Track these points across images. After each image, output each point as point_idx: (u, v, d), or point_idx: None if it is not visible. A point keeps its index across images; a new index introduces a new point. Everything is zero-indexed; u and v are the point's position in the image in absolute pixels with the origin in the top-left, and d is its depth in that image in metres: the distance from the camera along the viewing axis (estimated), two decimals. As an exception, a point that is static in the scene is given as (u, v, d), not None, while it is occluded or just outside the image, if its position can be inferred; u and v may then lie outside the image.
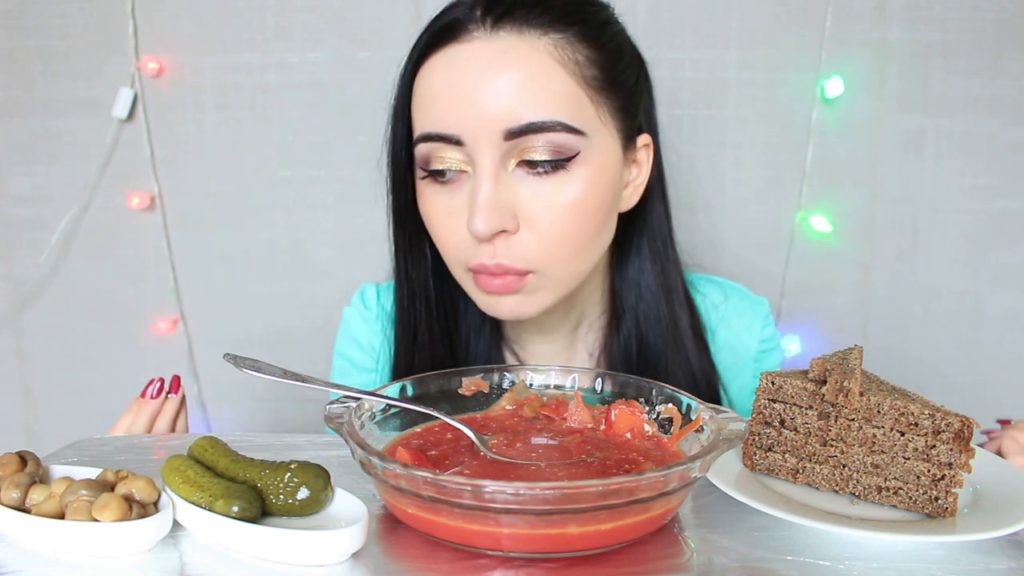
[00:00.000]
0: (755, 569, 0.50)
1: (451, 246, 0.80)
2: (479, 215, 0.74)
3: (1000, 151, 1.27)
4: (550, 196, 0.75)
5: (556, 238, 0.77)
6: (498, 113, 0.73)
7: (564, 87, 0.75)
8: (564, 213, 0.76)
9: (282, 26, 1.28)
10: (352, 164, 1.32)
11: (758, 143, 1.28)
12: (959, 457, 0.55)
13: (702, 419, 0.59)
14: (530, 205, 0.76)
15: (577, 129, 0.75)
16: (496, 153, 0.74)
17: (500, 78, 0.73)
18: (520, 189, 0.76)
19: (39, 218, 1.35)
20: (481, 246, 0.77)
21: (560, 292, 0.81)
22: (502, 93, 0.73)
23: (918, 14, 1.24)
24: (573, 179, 0.76)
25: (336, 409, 0.59)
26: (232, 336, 1.36)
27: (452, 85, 0.75)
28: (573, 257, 0.79)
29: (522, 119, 0.73)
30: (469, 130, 0.74)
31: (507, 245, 0.76)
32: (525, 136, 0.73)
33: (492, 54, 0.74)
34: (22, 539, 0.52)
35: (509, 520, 0.47)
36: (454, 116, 0.75)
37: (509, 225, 0.75)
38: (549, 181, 0.75)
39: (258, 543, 0.50)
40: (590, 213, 0.77)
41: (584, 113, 0.76)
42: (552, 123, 0.74)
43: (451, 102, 0.75)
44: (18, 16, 1.30)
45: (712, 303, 0.97)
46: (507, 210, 0.75)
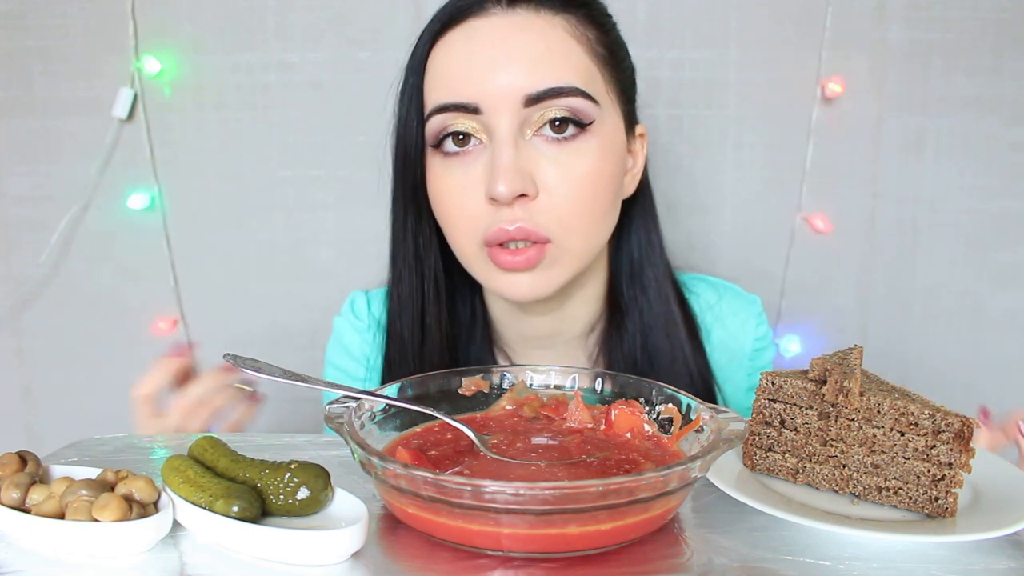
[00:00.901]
0: (755, 569, 0.50)
1: (465, 219, 0.79)
2: (501, 177, 0.75)
3: (1000, 151, 1.27)
4: (568, 162, 0.77)
5: (574, 205, 0.78)
6: (517, 79, 0.75)
7: (580, 59, 0.78)
8: (581, 180, 0.77)
9: (282, 26, 1.28)
10: (352, 164, 1.31)
11: (758, 143, 1.28)
12: (959, 457, 0.55)
13: (702, 419, 0.60)
14: (549, 171, 0.77)
15: (592, 97, 0.77)
16: (515, 120, 0.76)
17: (519, 48, 0.76)
18: (538, 156, 0.77)
19: (39, 218, 1.35)
20: (500, 212, 0.77)
21: (574, 268, 0.82)
22: (521, 61, 0.75)
23: (918, 14, 1.24)
24: (588, 148, 0.78)
25: (336, 409, 0.59)
26: (232, 336, 1.36)
27: (470, 56, 0.77)
28: (589, 228, 0.80)
29: (541, 84, 0.75)
30: (488, 97, 0.76)
31: (527, 210, 0.77)
32: (544, 102, 0.76)
33: (511, 27, 0.77)
34: (22, 539, 0.52)
35: (509, 520, 0.47)
36: (472, 86, 0.76)
37: (529, 189, 0.76)
38: (566, 148, 0.77)
39: (258, 543, 0.50)
40: (603, 183, 0.79)
41: (597, 86, 0.79)
42: (570, 88, 0.76)
43: (469, 72, 0.76)
44: (18, 16, 1.30)
45: (707, 303, 0.97)
46: (527, 174, 0.76)
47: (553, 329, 0.91)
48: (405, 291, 0.90)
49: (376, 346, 0.97)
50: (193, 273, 1.36)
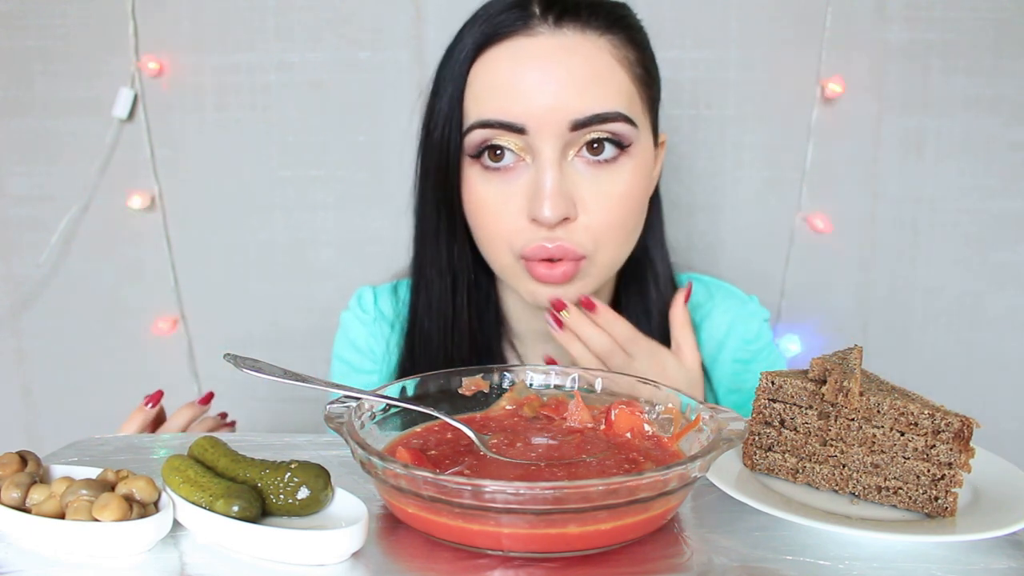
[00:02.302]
0: (755, 569, 0.50)
1: (504, 233, 0.82)
2: (548, 202, 0.77)
3: (1000, 151, 1.27)
4: (607, 185, 0.80)
5: (609, 225, 0.81)
6: (565, 104, 0.77)
7: (623, 83, 0.80)
8: (618, 201, 0.80)
9: (282, 26, 1.28)
10: (352, 164, 1.31)
11: (758, 143, 1.28)
12: (959, 457, 0.55)
13: (702, 419, 0.60)
14: (588, 193, 0.80)
15: (633, 121, 0.80)
16: (559, 143, 0.78)
17: (567, 71, 0.77)
18: (579, 178, 0.80)
19: (39, 218, 1.35)
20: (539, 231, 0.80)
21: (602, 279, 0.85)
22: (569, 86, 0.77)
23: (918, 14, 1.24)
24: (625, 169, 0.80)
25: (336, 409, 0.59)
26: (232, 336, 1.36)
27: (517, 76, 0.78)
28: (620, 244, 0.83)
29: (588, 110, 0.77)
30: (535, 119, 0.77)
31: (567, 231, 0.80)
32: (590, 127, 0.78)
33: (558, 48, 0.78)
34: (22, 539, 0.52)
35: (509, 520, 0.47)
36: (519, 106, 0.78)
37: (571, 212, 0.79)
38: (606, 170, 0.80)
39: (258, 543, 0.50)
40: (636, 202, 0.83)
41: (636, 108, 0.81)
42: (614, 114, 0.78)
43: (517, 92, 0.78)
44: (18, 16, 1.30)
45: (696, 302, 0.98)
46: (569, 198, 0.79)
47: None
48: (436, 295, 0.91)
49: (383, 340, 0.98)
50: (193, 273, 1.36)
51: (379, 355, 0.98)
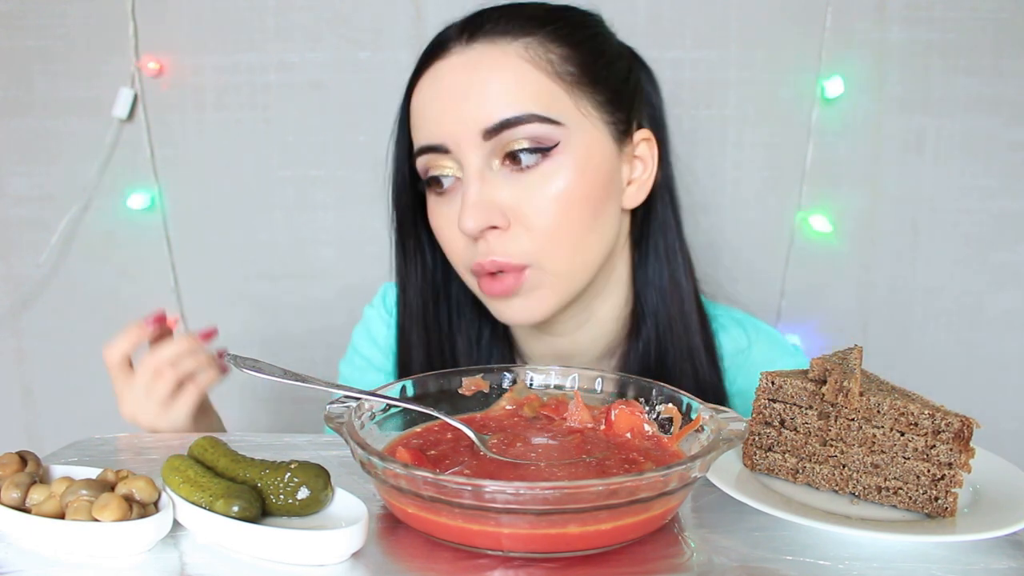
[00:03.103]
0: (755, 569, 0.50)
1: (454, 252, 0.82)
2: (466, 213, 0.77)
3: (1000, 151, 1.27)
4: (535, 188, 0.77)
5: (547, 230, 0.78)
6: (474, 115, 0.76)
7: (535, 83, 0.77)
8: (551, 204, 0.77)
9: (282, 26, 1.28)
10: (352, 164, 1.31)
11: (758, 143, 1.28)
12: (959, 457, 0.55)
13: (702, 419, 0.59)
14: (517, 200, 0.77)
15: (553, 120, 0.77)
16: (479, 154, 0.77)
17: (473, 84, 0.77)
18: (506, 185, 0.78)
19: (39, 218, 1.35)
20: (476, 245, 0.79)
21: (565, 289, 0.81)
22: (476, 97, 0.77)
23: (918, 14, 1.24)
24: (557, 170, 0.77)
25: (336, 409, 0.59)
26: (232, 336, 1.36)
27: (434, 98, 0.79)
28: (570, 249, 0.79)
29: (496, 117, 0.76)
30: (451, 136, 0.78)
31: (500, 241, 0.78)
32: (502, 132, 0.76)
33: (466, 64, 0.78)
34: (22, 539, 0.52)
35: (509, 520, 0.47)
36: (438, 126, 0.79)
37: (498, 221, 0.77)
38: (533, 174, 0.77)
39: (258, 543, 0.50)
40: (578, 203, 0.78)
41: (561, 105, 0.78)
42: (526, 116, 0.76)
43: (435, 114, 0.79)
44: (18, 16, 1.30)
45: (736, 347, 0.93)
46: (494, 207, 0.77)
47: (572, 349, 0.90)
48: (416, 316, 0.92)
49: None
50: (193, 273, 1.36)
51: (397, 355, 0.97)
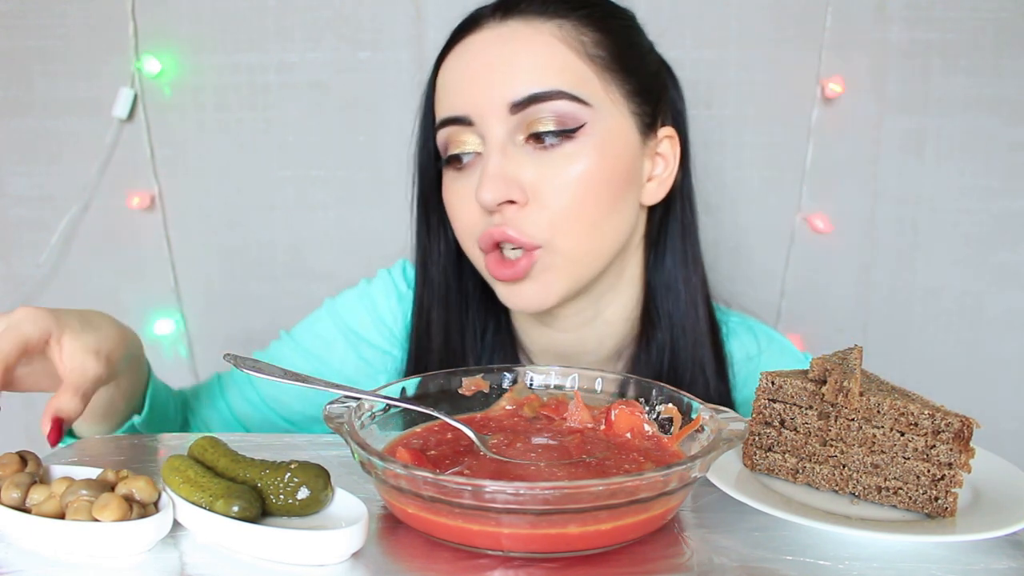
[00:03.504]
0: (755, 569, 0.50)
1: (465, 225, 0.81)
2: (485, 184, 0.76)
3: (1000, 151, 1.27)
4: (557, 168, 0.77)
5: (564, 210, 0.77)
6: (502, 88, 0.76)
7: (566, 61, 0.77)
8: (571, 185, 0.77)
9: (282, 26, 1.28)
10: (352, 164, 1.32)
11: (758, 143, 1.28)
12: (959, 457, 0.55)
13: (702, 419, 0.59)
14: (538, 177, 0.77)
15: (581, 99, 0.77)
16: (503, 128, 0.77)
17: (504, 57, 0.77)
18: (528, 162, 0.77)
19: (39, 218, 1.35)
20: (492, 218, 0.78)
21: (574, 274, 0.80)
22: (505, 70, 0.77)
23: (918, 14, 1.24)
24: (580, 151, 0.77)
25: (336, 409, 0.59)
26: (232, 336, 1.36)
27: (463, 70, 0.79)
28: (584, 231, 0.78)
29: (524, 91, 0.76)
30: (477, 108, 0.77)
31: (516, 217, 0.77)
32: (529, 107, 0.76)
33: (498, 38, 0.78)
34: (22, 539, 0.52)
35: (509, 520, 0.47)
36: (464, 98, 0.78)
37: (516, 196, 0.76)
38: (556, 153, 0.77)
39: (258, 543, 0.50)
40: (598, 187, 0.78)
41: (590, 87, 0.78)
42: (554, 92, 0.76)
43: (462, 86, 0.79)
44: (18, 16, 1.30)
45: (746, 354, 0.92)
46: (513, 181, 0.77)
47: (578, 347, 0.89)
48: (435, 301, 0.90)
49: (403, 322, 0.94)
50: (193, 273, 1.36)
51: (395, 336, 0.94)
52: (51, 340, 0.64)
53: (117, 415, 0.78)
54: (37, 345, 0.63)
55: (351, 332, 0.94)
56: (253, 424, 0.93)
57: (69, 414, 0.62)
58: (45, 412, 0.61)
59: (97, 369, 0.65)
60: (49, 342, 0.64)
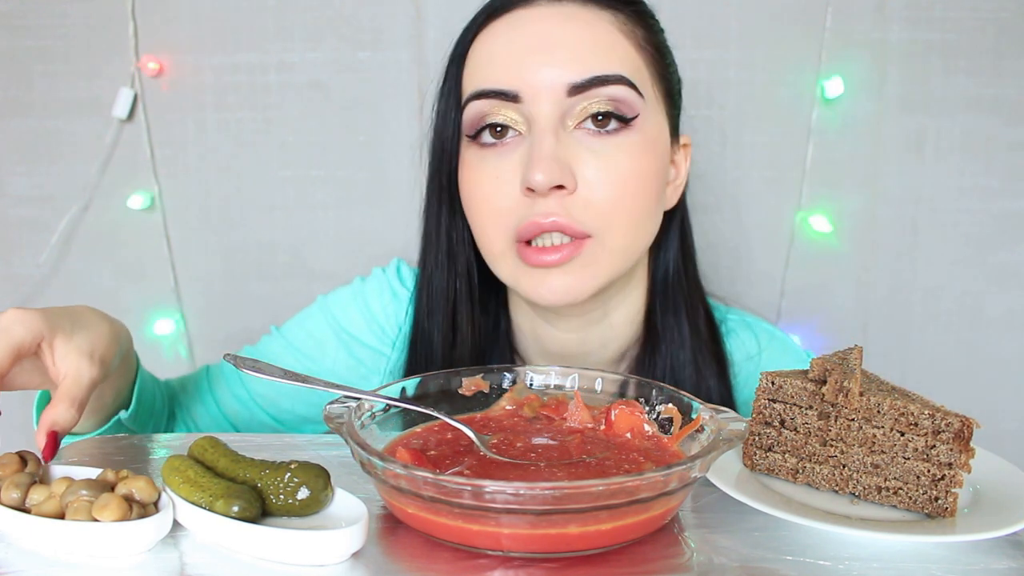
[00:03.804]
0: (755, 569, 0.50)
1: (497, 212, 0.76)
2: (539, 165, 0.72)
3: (1000, 151, 1.27)
4: (610, 156, 0.74)
5: (615, 200, 0.74)
6: (561, 68, 0.73)
7: (625, 49, 0.76)
8: (623, 175, 0.75)
9: (282, 26, 1.28)
10: (352, 164, 1.31)
11: (758, 143, 1.28)
12: (959, 457, 0.55)
13: (702, 419, 0.60)
14: (590, 164, 0.74)
15: (638, 89, 0.76)
16: (557, 109, 0.74)
17: (564, 36, 0.75)
18: (579, 148, 0.74)
19: (39, 218, 1.35)
20: (536, 204, 0.74)
21: (613, 269, 0.77)
22: (566, 49, 0.74)
23: (918, 14, 1.24)
24: (631, 143, 0.75)
25: (336, 409, 0.59)
26: (232, 336, 1.36)
27: (513, 44, 0.76)
28: (630, 226, 0.76)
29: (586, 72, 0.73)
30: (529, 85, 0.74)
31: (564, 205, 0.73)
32: (588, 91, 0.73)
33: (556, 16, 0.76)
34: (22, 539, 0.52)
35: (509, 520, 0.47)
36: (514, 72, 0.74)
37: (568, 181, 0.73)
38: (609, 142, 0.75)
39: (258, 543, 0.50)
40: (647, 182, 0.76)
41: (643, 78, 0.77)
42: (616, 76, 0.74)
43: (511, 59, 0.75)
44: (18, 16, 1.30)
45: (746, 352, 0.91)
46: (566, 166, 0.73)
47: (580, 349, 0.87)
48: (437, 290, 0.86)
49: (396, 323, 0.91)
50: (193, 273, 1.36)
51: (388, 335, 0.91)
52: (42, 344, 0.63)
53: (104, 411, 0.76)
54: (29, 349, 0.62)
55: (343, 331, 0.92)
56: (241, 421, 0.92)
57: (65, 426, 0.60)
58: (40, 426, 0.60)
59: (91, 373, 0.64)
60: (40, 345, 0.63)
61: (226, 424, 0.92)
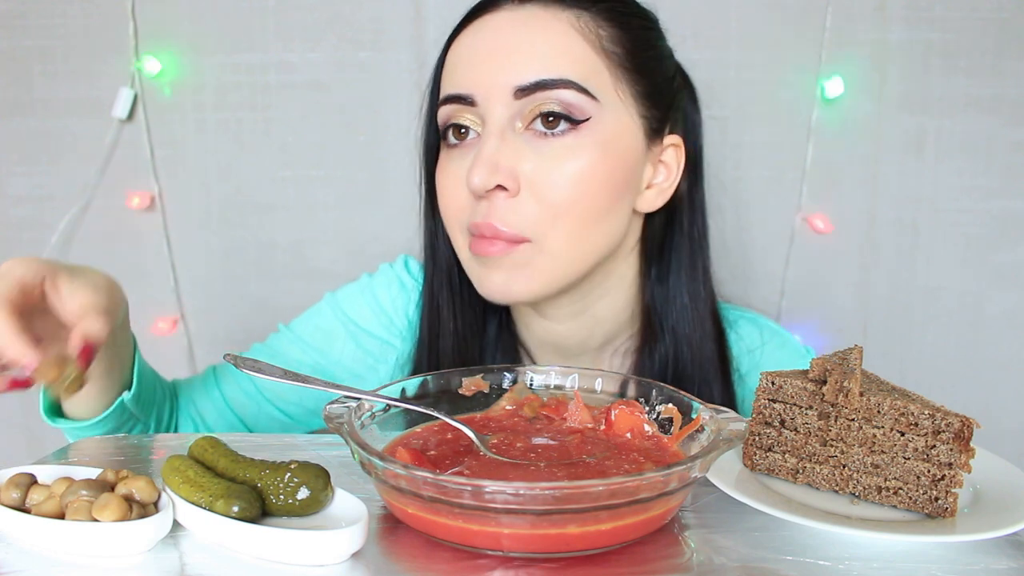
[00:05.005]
0: (755, 569, 0.50)
1: (453, 211, 0.79)
2: (475, 168, 0.74)
3: (1000, 151, 1.27)
4: (556, 159, 0.74)
5: (556, 205, 0.75)
6: (509, 71, 0.74)
7: (580, 52, 0.75)
8: (567, 179, 0.74)
9: (282, 26, 1.28)
10: (352, 164, 1.31)
11: (758, 143, 1.28)
12: (959, 457, 0.55)
13: (702, 419, 0.60)
14: (534, 167, 0.74)
15: (589, 92, 0.75)
16: (505, 112, 0.75)
17: (519, 41, 0.75)
18: (526, 151, 0.75)
19: (39, 218, 1.35)
20: (479, 205, 0.76)
21: (556, 273, 0.77)
22: (516, 53, 0.75)
23: (918, 14, 1.24)
24: (581, 146, 0.75)
25: (336, 409, 0.59)
26: (232, 336, 1.36)
27: (473, 49, 0.77)
28: (574, 233, 0.76)
29: (532, 76, 0.74)
30: (481, 88, 0.75)
31: (504, 206, 0.75)
32: (535, 94, 0.74)
33: (514, 20, 0.76)
34: (22, 539, 0.52)
35: (509, 520, 0.47)
36: (469, 77, 0.77)
37: (507, 183, 0.74)
38: (556, 144, 0.75)
39: (258, 543, 0.50)
40: (596, 186, 0.75)
41: (600, 81, 0.76)
42: (562, 80, 0.74)
43: (470, 64, 0.77)
44: (18, 16, 1.30)
45: (747, 346, 0.91)
46: (507, 168, 0.74)
47: (574, 338, 0.87)
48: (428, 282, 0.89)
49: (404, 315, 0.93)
50: (193, 273, 1.36)
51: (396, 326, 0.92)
52: (47, 284, 0.64)
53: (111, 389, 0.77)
54: (33, 284, 0.63)
55: (351, 323, 0.94)
56: (249, 415, 0.92)
57: (99, 334, 0.63)
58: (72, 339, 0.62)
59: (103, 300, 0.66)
60: (45, 287, 0.64)
61: (234, 419, 0.93)
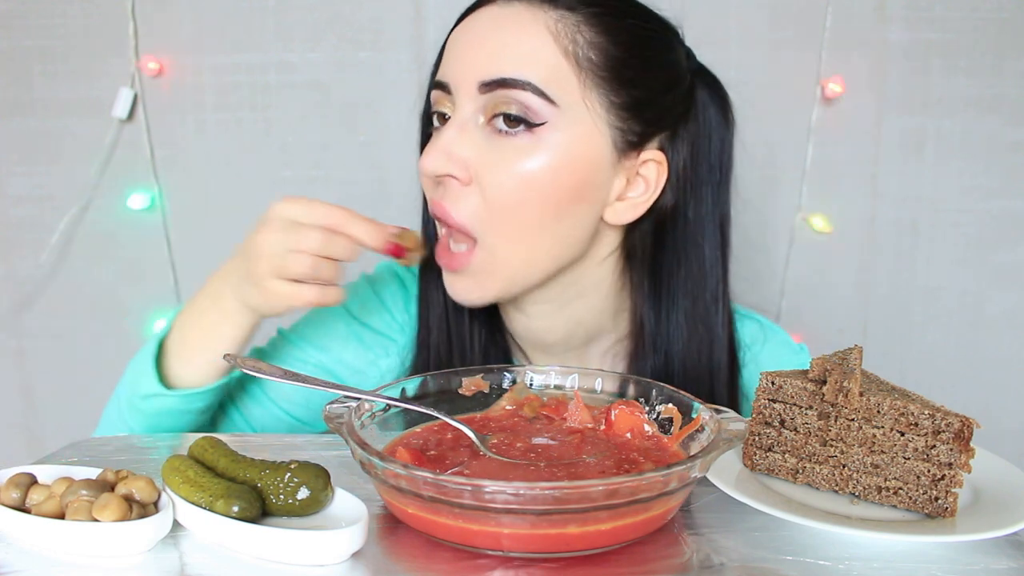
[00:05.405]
0: (755, 569, 0.50)
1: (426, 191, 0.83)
2: (431, 153, 0.76)
3: (1000, 151, 1.27)
4: (506, 157, 0.75)
5: (498, 204, 0.75)
6: (477, 64, 0.76)
7: (548, 56, 0.75)
8: (513, 180, 0.75)
9: (282, 26, 1.28)
10: (352, 164, 1.31)
11: (758, 143, 1.28)
12: (959, 457, 0.55)
13: (702, 419, 0.60)
14: (483, 160, 0.75)
15: (549, 97, 0.75)
16: (471, 105, 0.77)
17: (493, 37, 0.77)
18: (481, 144, 0.76)
19: (39, 218, 1.35)
20: (437, 187, 0.78)
21: (507, 279, 0.78)
22: (487, 49, 0.76)
23: (918, 14, 1.24)
24: (534, 148, 0.75)
25: (336, 409, 0.59)
26: (232, 336, 1.36)
27: (458, 40, 0.80)
28: (515, 235, 0.76)
29: (495, 73, 0.75)
30: (456, 78, 0.78)
31: (454, 194, 0.77)
32: (496, 90, 0.75)
33: (496, 17, 0.78)
34: (22, 539, 0.52)
35: (509, 520, 0.47)
36: (449, 66, 0.79)
37: (457, 172, 0.76)
38: (509, 143, 0.75)
39: (258, 543, 0.50)
40: (545, 192, 0.75)
41: (565, 87, 0.75)
42: (522, 82, 0.74)
43: (451, 54, 0.80)
44: (18, 16, 1.30)
45: (746, 343, 0.92)
46: (459, 158, 0.76)
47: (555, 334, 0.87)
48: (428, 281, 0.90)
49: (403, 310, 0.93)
50: (193, 273, 1.36)
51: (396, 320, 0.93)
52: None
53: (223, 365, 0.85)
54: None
55: (352, 319, 0.94)
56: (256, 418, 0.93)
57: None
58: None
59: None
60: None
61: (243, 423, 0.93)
